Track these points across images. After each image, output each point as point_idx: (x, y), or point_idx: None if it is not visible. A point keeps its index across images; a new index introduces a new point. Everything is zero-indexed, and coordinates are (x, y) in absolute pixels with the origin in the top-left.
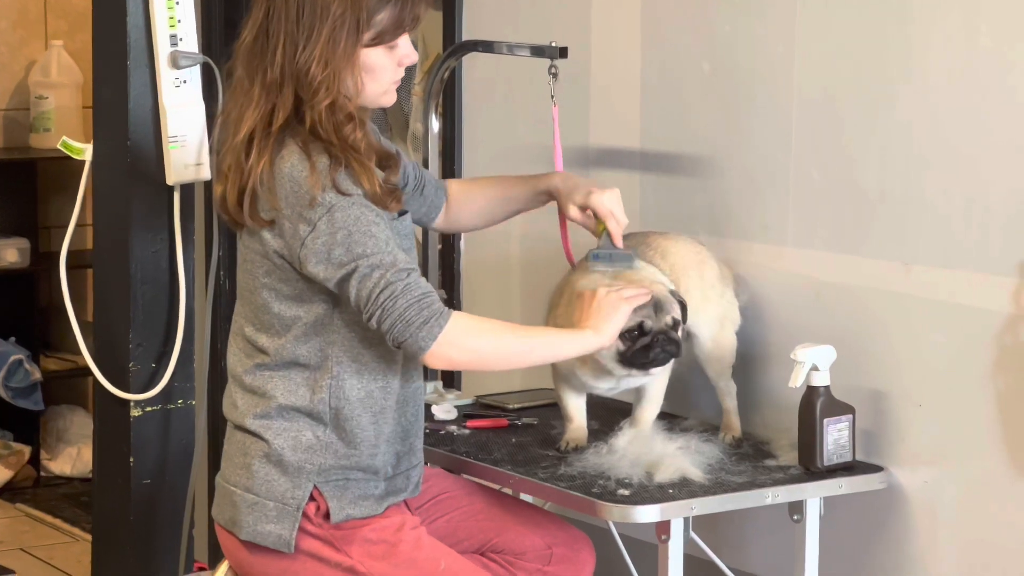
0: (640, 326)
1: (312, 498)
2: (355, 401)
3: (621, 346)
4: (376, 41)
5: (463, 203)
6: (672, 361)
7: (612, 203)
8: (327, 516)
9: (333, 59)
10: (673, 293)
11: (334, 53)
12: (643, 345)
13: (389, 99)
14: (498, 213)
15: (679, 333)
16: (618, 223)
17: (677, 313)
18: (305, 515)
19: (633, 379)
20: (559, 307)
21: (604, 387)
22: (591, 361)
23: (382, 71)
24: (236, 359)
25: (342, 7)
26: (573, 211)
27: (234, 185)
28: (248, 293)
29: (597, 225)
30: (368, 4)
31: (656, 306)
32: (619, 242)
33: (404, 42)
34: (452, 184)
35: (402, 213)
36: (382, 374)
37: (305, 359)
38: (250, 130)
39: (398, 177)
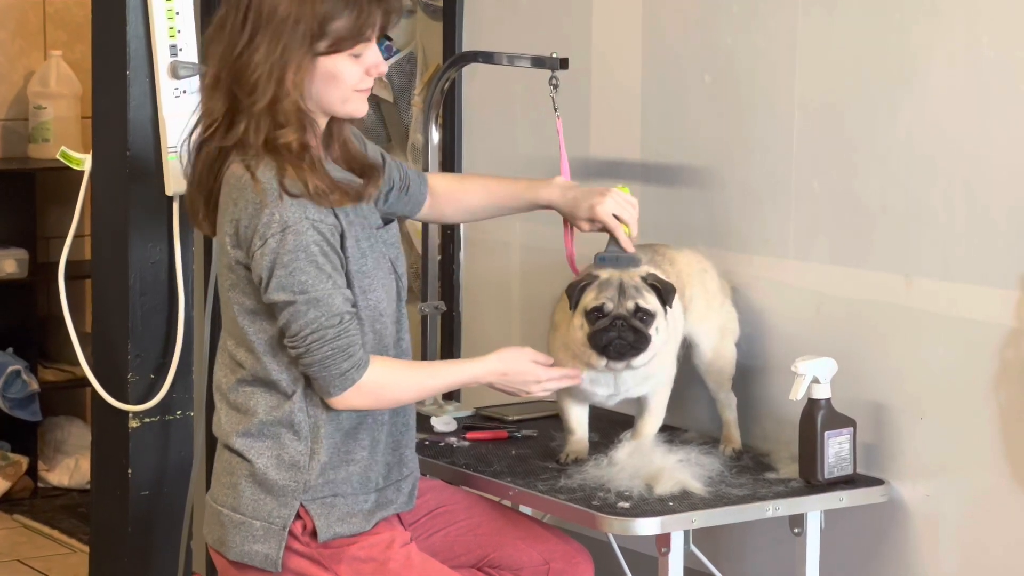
0: (600, 308)
1: (299, 516)
2: (333, 417)
3: (587, 327)
4: (334, 48)
5: (449, 199)
6: (673, 372)
7: (617, 209)
8: (314, 535)
9: (277, 62)
10: (653, 277)
11: (272, 56)
12: (600, 327)
13: (353, 108)
14: (484, 215)
15: (645, 324)
16: (627, 227)
17: (648, 303)
18: (292, 534)
19: (633, 388)
20: (560, 327)
21: (602, 393)
22: (575, 352)
23: (344, 79)
24: (222, 373)
25: (288, 10)
26: (584, 225)
27: (199, 193)
28: (224, 306)
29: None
30: (320, 11)
31: (620, 290)
32: (628, 247)
33: (371, 51)
34: (440, 179)
35: (388, 222)
36: None
37: (277, 375)
38: (203, 136)
39: (376, 189)
